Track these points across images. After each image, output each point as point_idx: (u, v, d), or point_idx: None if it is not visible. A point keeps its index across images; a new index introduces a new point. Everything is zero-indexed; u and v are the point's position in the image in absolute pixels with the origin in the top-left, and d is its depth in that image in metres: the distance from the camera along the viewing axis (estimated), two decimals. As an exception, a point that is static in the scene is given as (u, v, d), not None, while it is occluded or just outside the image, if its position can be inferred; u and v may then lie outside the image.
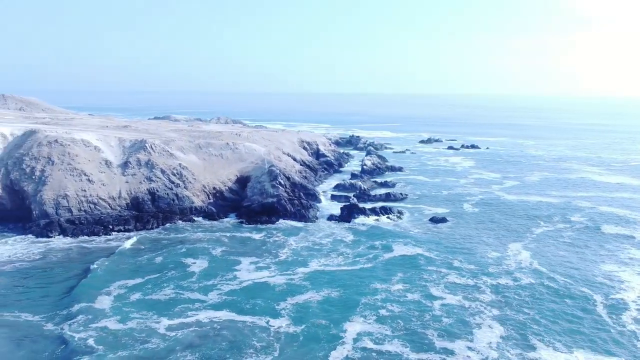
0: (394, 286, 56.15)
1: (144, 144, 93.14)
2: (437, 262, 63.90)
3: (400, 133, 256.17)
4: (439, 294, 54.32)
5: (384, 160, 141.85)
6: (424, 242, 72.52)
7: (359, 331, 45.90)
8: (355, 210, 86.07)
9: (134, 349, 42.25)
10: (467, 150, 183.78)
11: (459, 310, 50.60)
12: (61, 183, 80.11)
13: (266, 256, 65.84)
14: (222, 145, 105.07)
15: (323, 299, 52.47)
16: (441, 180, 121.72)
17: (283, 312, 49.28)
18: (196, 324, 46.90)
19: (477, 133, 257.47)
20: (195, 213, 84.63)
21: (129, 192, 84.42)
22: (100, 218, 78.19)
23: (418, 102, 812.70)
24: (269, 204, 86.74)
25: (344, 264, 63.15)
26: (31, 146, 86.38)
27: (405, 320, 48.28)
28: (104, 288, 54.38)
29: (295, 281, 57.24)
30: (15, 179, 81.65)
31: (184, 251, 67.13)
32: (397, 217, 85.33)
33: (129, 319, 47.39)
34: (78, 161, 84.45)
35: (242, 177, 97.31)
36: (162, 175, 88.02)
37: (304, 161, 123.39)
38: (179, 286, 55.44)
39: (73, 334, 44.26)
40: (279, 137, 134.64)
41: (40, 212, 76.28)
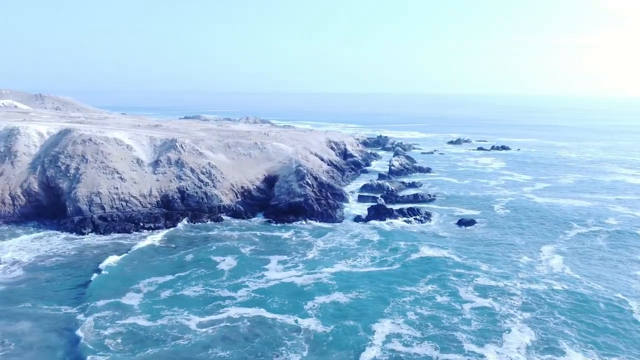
0: (422, 288, 55.64)
1: (174, 143, 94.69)
2: (465, 265, 62.96)
3: (429, 133, 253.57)
4: (469, 297, 53.55)
5: (411, 161, 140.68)
6: (452, 244, 71.63)
7: (388, 333, 45.66)
8: (382, 211, 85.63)
9: (165, 346, 42.94)
10: (498, 152, 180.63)
11: (489, 313, 49.82)
12: (94, 181, 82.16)
13: (294, 255, 66.12)
14: (251, 145, 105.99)
15: (351, 300, 52.37)
16: (470, 182, 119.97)
17: (311, 312, 49.38)
18: (227, 320, 47.45)
19: (508, 134, 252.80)
20: (223, 212, 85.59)
21: (159, 190, 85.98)
22: (132, 215, 79.85)
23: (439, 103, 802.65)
24: (296, 203, 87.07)
25: (371, 265, 62.89)
26: (66, 144, 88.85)
27: (434, 322, 47.82)
28: (133, 285, 55.48)
29: (322, 281, 57.29)
30: (51, 176, 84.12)
31: (213, 249, 67.95)
32: (424, 219, 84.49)
33: (159, 316, 48.21)
34: (111, 159, 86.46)
35: (270, 176, 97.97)
36: (192, 174, 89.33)
37: (331, 161, 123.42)
38: (208, 284, 56.14)
39: (100, 330, 45.26)
40: (306, 137, 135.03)
41: (74, 208, 78.38)
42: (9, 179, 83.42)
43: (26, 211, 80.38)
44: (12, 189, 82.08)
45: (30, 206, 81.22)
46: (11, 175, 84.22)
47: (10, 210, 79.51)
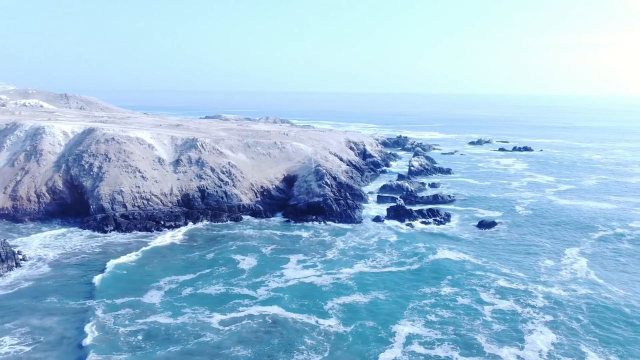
0: (442, 290, 55.20)
1: (195, 142, 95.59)
2: (486, 267, 62.25)
3: (449, 134, 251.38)
4: (490, 299, 52.94)
5: (431, 162, 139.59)
6: (472, 246, 70.89)
7: (407, 334, 45.49)
8: (401, 211, 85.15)
9: (187, 343, 43.39)
10: (519, 153, 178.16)
11: (510, 316, 49.27)
12: (117, 179, 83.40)
13: (313, 255, 66.18)
14: (270, 145, 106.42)
15: (371, 301, 52.26)
16: (491, 183, 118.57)
17: (331, 312, 49.41)
18: (247, 318, 47.84)
19: (530, 134, 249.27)
20: (243, 211, 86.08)
21: (180, 189, 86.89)
22: (153, 214, 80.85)
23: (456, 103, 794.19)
24: (315, 203, 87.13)
25: (390, 266, 62.58)
26: (90, 143, 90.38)
27: (454, 324, 47.46)
28: (154, 283, 56.17)
29: (341, 281, 57.24)
30: (74, 174, 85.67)
31: (234, 248, 68.47)
32: (444, 220, 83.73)
33: (180, 314, 48.71)
34: (133, 158, 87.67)
35: (289, 176, 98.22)
36: (212, 173, 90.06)
37: (350, 161, 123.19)
38: (228, 282, 56.61)
39: (118, 327, 45.92)
40: (326, 137, 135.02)
41: (97, 206, 79.69)
42: (35, 177, 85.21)
43: (51, 209, 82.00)
44: (37, 186, 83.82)
45: (55, 204, 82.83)
46: (37, 173, 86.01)
47: (36, 208, 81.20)
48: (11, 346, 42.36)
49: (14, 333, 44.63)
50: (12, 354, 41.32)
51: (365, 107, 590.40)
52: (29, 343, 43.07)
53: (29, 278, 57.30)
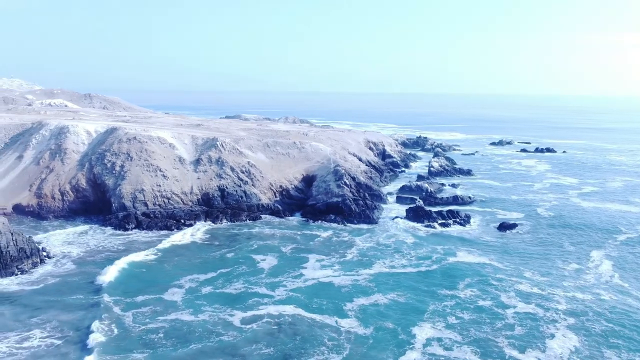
0: (462, 292, 54.67)
1: (215, 142, 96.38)
2: (507, 270, 61.39)
3: (470, 134, 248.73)
4: (511, 302, 52.26)
5: (452, 163, 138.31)
6: (493, 248, 70.03)
7: (428, 336, 45.20)
8: (421, 212, 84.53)
9: (209, 341, 43.78)
10: (542, 154, 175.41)
11: (532, 319, 48.60)
12: (138, 178, 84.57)
13: (331, 255, 66.16)
14: (289, 144, 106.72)
15: (390, 302, 52.03)
16: (513, 185, 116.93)
17: (350, 313, 49.32)
18: (267, 317, 48.07)
19: (552, 135, 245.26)
20: (262, 210, 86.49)
21: (200, 188, 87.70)
22: (173, 212, 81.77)
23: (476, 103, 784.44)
24: (333, 203, 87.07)
25: (409, 267, 62.18)
26: (112, 143, 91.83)
27: (475, 326, 47.03)
28: (175, 281, 56.76)
29: (360, 282, 57.10)
30: (97, 173, 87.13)
31: (254, 247, 68.85)
32: (464, 222, 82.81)
33: (201, 312, 49.13)
34: (154, 157, 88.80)
35: (308, 176, 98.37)
36: (232, 172, 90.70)
37: (369, 162, 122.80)
38: (248, 281, 56.91)
39: (139, 325, 46.46)
40: (345, 137, 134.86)
41: (119, 204, 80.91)
42: (59, 176, 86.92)
43: (74, 206, 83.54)
44: (61, 185, 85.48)
45: (78, 202, 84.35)
46: (61, 171, 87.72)
47: (60, 205, 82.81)
48: (41, 339, 43.75)
49: (44, 327, 45.77)
50: (43, 347, 42.56)
51: (385, 107, 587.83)
52: (58, 337, 44.13)
53: (54, 274, 58.44)
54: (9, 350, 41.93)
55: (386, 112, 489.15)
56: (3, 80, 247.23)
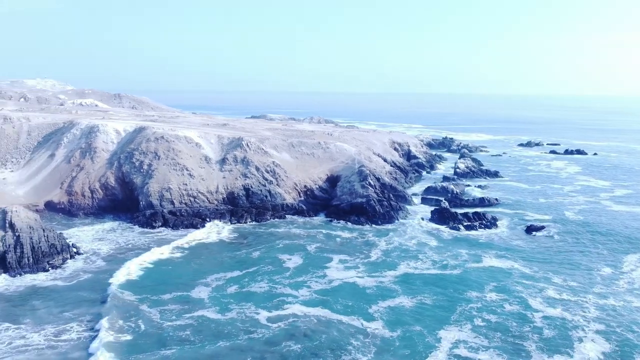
0: (489, 295, 53.85)
1: (241, 141, 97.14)
2: (535, 275, 60.12)
3: (497, 135, 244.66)
4: (538, 306, 51.28)
5: (478, 164, 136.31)
6: (520, 252, 68.75)
7: (454, 339, 44.77)
8: (446, 214, 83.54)
9: (237, 338, 44.23)
10: (572, 156, 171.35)
11: (561, 323, 47.72)
12: (165, 177, 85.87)
13: (355, 256, 65.98)
14: (314, 145, 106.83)
15: (416, 304, 51.68)
16: (542, 187, 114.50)
17: (376, 315, 49.11)
18: (293, 317, 48.29)
19: (583, 137, 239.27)
20: (286, 210, 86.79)
21: (226, 187, 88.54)
22: (199, 211, 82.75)
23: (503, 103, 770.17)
24: (358, 204, 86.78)
25: (434, 270, 61.54)
26: (140, 142, 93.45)
27: (502, 330, 46.38)
28: (201, 279, 57.38)
29: (385, 284, 56.80)
30: (126, 171, 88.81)
31: (280, 247, 69.24)
32: (490, 224, 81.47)
33: (228, 310, 49.62)
34: (181, 157, 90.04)
35: (332, 176, 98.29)
36: (257, 172, 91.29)
37: (394, 162, 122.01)
38: (273, 280, 57.22)
39: (166, 322, 47.11)
40: (370, 137, 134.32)
41: (146, 203, 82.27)
42: (89, 174, 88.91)
43: (103, 204, 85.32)
44: (91, 182, 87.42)
45: (107, 199, 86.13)
46: (91, 170, 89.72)
47: (89, 203, 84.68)
48: (78, 332, 45.34)
49: (81, 320, 47.24)
50: (82, 339, 44.01)
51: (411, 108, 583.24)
52: (93, 331, 45.51)
53: (86, 270, 59.83)
54: (48, 342, 43.32)
55: (412, 112, 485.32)
56: (37, 80, 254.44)
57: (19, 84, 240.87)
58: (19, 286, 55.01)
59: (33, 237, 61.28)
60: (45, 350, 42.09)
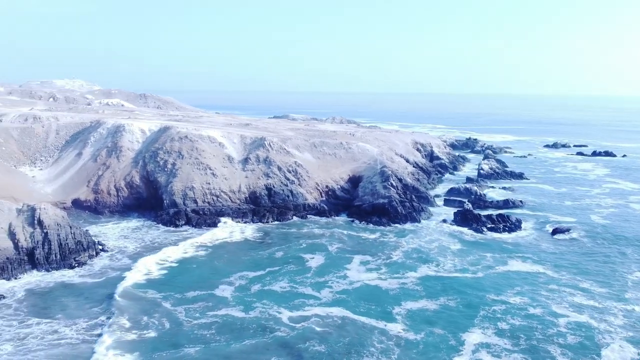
0: (513, 299, 53.03)
1: (263, 141, 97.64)
2: (561, 280, 58.86)
3: (522, 136, 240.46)
4: (563, 311, 50.28)
5: (502, 165, 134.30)
6: (545, 255, 67.47)
7: (477, 342, 44.30)
8: (469, 216, 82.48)
9: (262, 337, 44.55)
10: (600, 158, 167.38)
11: (587, 329, 46.75)
12: (189, 176, 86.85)
13: (377, 257, 65.71)
14: (336, 145, 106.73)
15: (439, 307, 51.24)
16: (568, 190, 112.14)
17: (399, 318, 48.81)
18: (315, 317, 48.34)
19: (611, 138, 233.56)
20: (308, 210, 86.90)
21: (248, 186, 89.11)
22: (221, 210, 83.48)
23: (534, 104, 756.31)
24: (379, 204, 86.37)
25: (456, 272, 60.84)
26: (165, 141, 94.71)
27: (526, 334, 45.66)
28: (225, 278, 57.89)
29: (407, 285, 56.41)
30: (150, 170, 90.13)
31: (303, 247, 69.40)
32: (515, 227, 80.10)
33: (251, 309, 49.95)
34: (204, 156, 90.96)
35: (354, 176, 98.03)
36: (279, 172, 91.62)
37: (417, 163, 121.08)
38: (294, 280, 57.38)
39: (190, 320, 47.60)
40: (392, 137, 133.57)
41: (170, 201, 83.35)
42: (115, 172, 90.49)
43: (128, 202, 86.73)
44: (117, 181, 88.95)
45: (132, 198, 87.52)
46: (116, 168, 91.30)
47: (115, 201, 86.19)
48: (105, 328, 46.07)
49: (109, 316, 47.94)
50: (108, 335, 44.75)
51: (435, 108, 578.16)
52: (121, 327, 46.25)
53: (114, 267, 60.87)
54: (82, 336, 44.50)
55: (435, 112, 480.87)
56: (65, 80, 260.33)
57: (48, 84, 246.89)
58: (49, 282, 56.32)
59: (60, 234, 62.64)
60: (80, 344, 43.16)
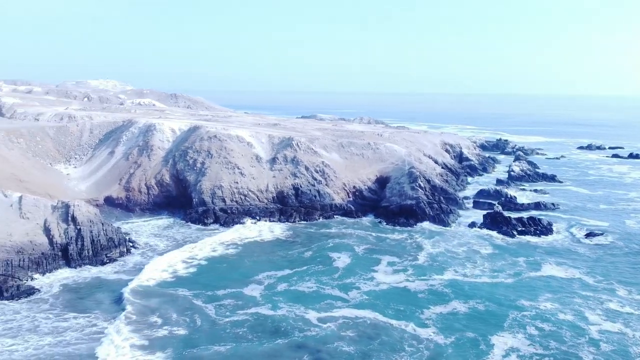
0: (543, 305, 51.89)
1: (291, 141, 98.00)
2: (595, 286, 57.22)
3: (555, 138, 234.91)
4: (596, 319, 48.88)
5: (534, 167, 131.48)
6: (578, 260, 65.73)
7: (507, 347, 43.64)
8: (499, 219, 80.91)
9: (293, 336, 44.81)
10: (637, 160, 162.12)
11: (620, 337, 45.43)
12: (217, 175, 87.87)
13: (404, 259, 65.19)
14: (364, 145, 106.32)
15: (468, 310, 50.56)
16: (603, 193, 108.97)
17: (428, 321, 48.33)
18: (343, 318, 48.33)
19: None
20: (334, 210, 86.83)
21: (275, 186, 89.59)
22: (249, 209, 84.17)
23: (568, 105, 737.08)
24: (407, 206, 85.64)
25: (485, 276, 59.82)
26: (194, 140, 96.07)
27: (556, 340, 44.74)
28: (253, 276, 58.36)
29: (436, 288, 55.81)
30: (180, 169, 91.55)
31: (329, 246, 69.45)
32: (546, 230, 78.25)
33: (279, 308, 50.24)
34: (233, 155, 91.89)
35: (382, 177, 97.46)
36: (306, 171, 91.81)
37: (445, 164, 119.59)
38: (320, 281, 57.39)
39: (222, 318, 48.13)
40: (420, 138, 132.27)
41: (199, 200, 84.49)
42: (145, 171, 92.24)
43: (158, 200, 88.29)
44: (147, 179, 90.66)
45: (162, 196, 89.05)
46: (147, 167, 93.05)
47: (146, 199, 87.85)
48: (139, 324, 47.04)
49: (144, 313, 48.92)
50: (142, 331, 45.64)
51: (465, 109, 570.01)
52: (151, 324, 47.14)
53: (146, 265, 61.63)
54: (120, 331, 45.31)
55: (465, 113, 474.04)
56: (99, 81, 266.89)
57: (83, 85, 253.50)
58: (86, 277, 57.76)
59: (93, 231, 64.21)
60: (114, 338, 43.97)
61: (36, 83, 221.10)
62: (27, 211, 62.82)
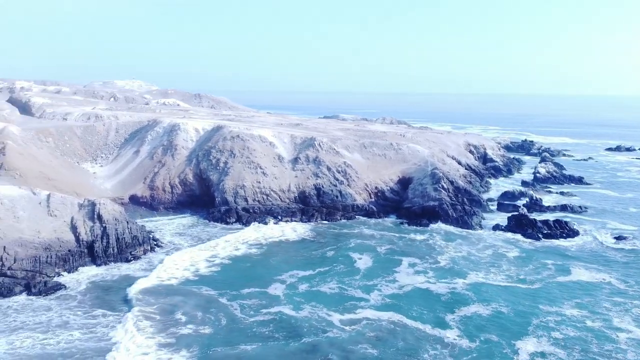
0: (568, 310, 50.87)
1: (313, 141, 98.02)
2: (625, 292, 55.78)
3: (582, 139, 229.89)
4: (625, 326, 47.54)
5: (560, 169, 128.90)
6: (606, 265, 64.16)
7: (532, 351, 42.93)
8: (524, 221, 79.51)
9: (317, 337, 44.83)
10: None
11: (650, 345, 43.95)
12: (240, 174, 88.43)
13: (425, 260, 64.60)
14: (386, 146, 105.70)
15: (492, 314, 49.85)
16: (633, 196, 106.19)
17: (452, 324, 47.82)
18: (366, 320, 48.16)
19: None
20: (356, 210, 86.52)
21: (297, 186, 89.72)
22: (271, 208, 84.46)
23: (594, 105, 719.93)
24: (430, 207, 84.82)
25: (508, 280, 58.89)
26: (217, 140, 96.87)
27: (582, 346, 43.88)
28: (276, 276, 58.56)
29: (459, 291, 55.13)
30: (203, 168, 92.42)
31: (351, 247, 69.34)
32: (573, 233, 76.61)
33: (301, 309, 50.27)
34: (255, 155, 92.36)
35: (404, 178, 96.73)
36: (328, 172, 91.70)
37: (469, 165, 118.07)
38: (343, 281, 57.27)
39: (246, 317, 48.38)
40: (443, 139, 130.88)
41: (222, 199, 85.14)
42: (169, 170, 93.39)
43: (182, 199, 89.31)
44: (171, 178, 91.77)
45: (185, 195, 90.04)
46: (171, 166, 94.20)
47: (169, 198, 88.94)
48: (165, 321, 47.70)
49: (170, 311, 49.51)
50: (167, 329, 46.23)
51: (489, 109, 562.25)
52: (176, 322, 47.78)
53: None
54: (147, 328, 46.10)
55: (489, 113, 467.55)
56: (125, 81, 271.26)
57: (110, 85, 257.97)
58: (114, 275, 58.65)
59: (118, 229, 65.26)
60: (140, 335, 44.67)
61: (65, 83, 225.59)
62: (54, 209, 64.17)
